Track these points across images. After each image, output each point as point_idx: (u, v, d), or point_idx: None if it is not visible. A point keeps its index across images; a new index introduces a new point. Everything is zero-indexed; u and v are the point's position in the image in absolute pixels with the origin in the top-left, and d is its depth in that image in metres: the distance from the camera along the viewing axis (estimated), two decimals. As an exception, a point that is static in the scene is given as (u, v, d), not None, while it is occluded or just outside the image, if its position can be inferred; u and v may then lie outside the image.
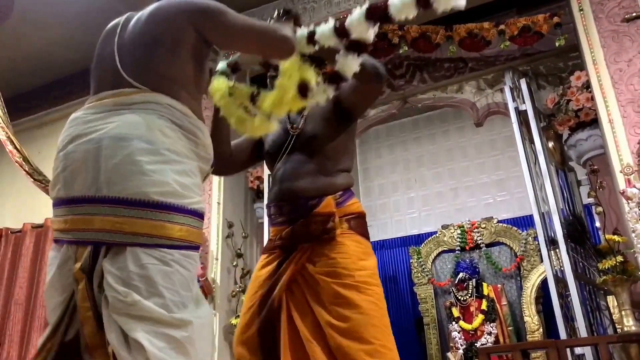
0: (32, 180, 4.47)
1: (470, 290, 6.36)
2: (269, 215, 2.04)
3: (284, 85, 1.66)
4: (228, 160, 2.04)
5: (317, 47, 1.73)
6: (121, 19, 1.50)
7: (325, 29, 1.72)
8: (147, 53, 1.38)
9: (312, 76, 1.66)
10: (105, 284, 1.21)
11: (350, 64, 1.68)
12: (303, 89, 1.65)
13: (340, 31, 1.68)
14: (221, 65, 1.91)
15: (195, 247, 1.33)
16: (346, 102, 2.00)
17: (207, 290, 4.28)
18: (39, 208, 5.17)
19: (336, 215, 1.88)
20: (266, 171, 4.77)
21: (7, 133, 4.38)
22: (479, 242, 6.86)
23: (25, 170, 4.46)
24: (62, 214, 1.29)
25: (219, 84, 1.85)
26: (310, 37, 1.72)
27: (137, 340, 1.16)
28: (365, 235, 1.97)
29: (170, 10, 1.42)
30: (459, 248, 6.94)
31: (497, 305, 6.28)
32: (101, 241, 1.23)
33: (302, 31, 1.75)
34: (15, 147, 4.39)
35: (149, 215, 1.23)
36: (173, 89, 1.38)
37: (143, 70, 1.37)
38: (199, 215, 1.35)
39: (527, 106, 4.03)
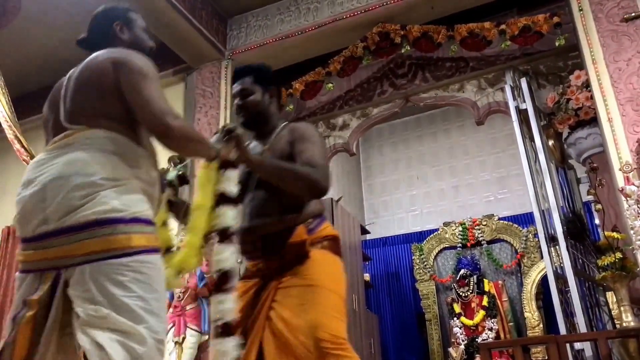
0: (39, 178, 4.51)
1: (472, 287, 6.40)
2: (244, 252, 2.04)
3: (191, 243, 1.74)
4: None
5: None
6: (66, 76, 1.72)
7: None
8: (83, 97, 1.60)
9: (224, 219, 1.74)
10: (76, 305, 1.37)
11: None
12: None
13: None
14: (171, 175, 1.98)
15: (149, 251, 1.44)
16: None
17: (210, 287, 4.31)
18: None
19: (308, 241, 1.95)
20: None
21: (14, 132, 4.41)
22: (480, 239, 6.91)
23: (32, 169, 4.49)
24: (23, 249, 1.49)
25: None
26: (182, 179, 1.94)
27: (103, 346, 1.30)
28: (338, 254, 2.03)
29: (100, 57, 1.64)
30: (460, 245, 6.99)
31: (498, 301, 6.33)
32: (59, 267, 1.40)
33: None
34: (23, 146, 4.42)
35: (94, 234, 1.38)
36: (109, 123, 1.56)
37: (82, 112, 1.58)
38: (143, 221, 1.46)
39: (528, 105, 4.08)
